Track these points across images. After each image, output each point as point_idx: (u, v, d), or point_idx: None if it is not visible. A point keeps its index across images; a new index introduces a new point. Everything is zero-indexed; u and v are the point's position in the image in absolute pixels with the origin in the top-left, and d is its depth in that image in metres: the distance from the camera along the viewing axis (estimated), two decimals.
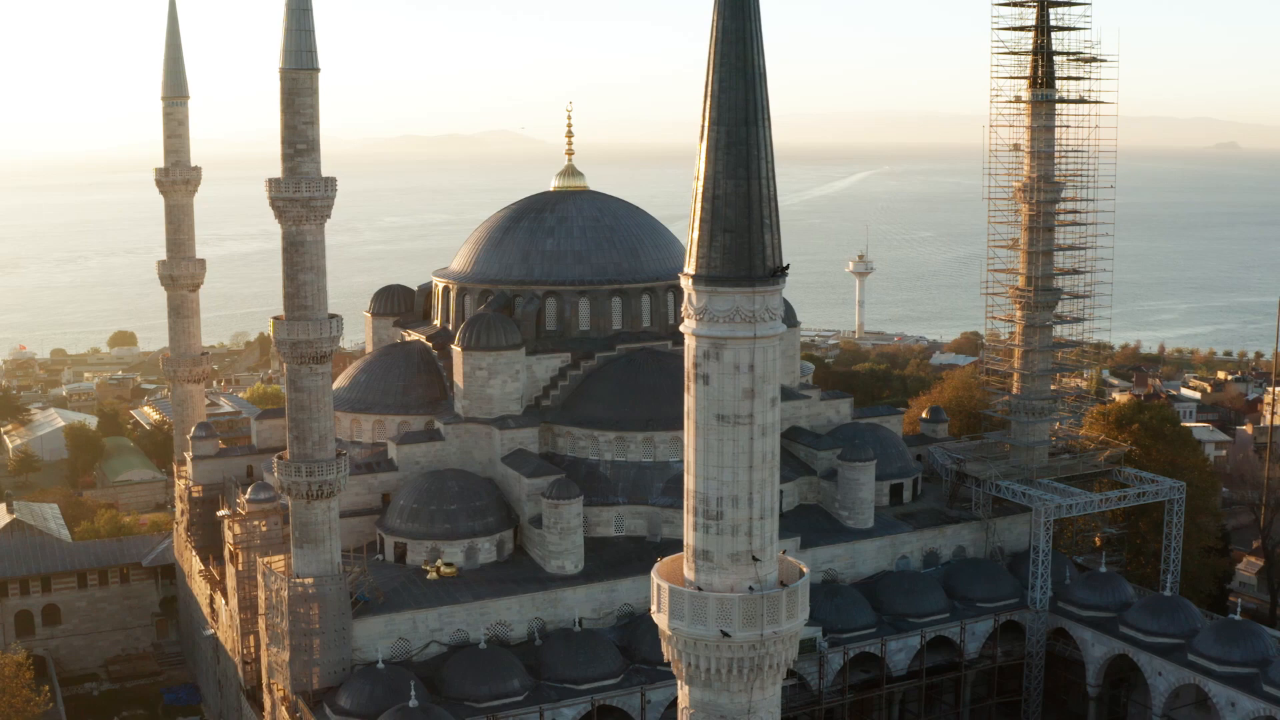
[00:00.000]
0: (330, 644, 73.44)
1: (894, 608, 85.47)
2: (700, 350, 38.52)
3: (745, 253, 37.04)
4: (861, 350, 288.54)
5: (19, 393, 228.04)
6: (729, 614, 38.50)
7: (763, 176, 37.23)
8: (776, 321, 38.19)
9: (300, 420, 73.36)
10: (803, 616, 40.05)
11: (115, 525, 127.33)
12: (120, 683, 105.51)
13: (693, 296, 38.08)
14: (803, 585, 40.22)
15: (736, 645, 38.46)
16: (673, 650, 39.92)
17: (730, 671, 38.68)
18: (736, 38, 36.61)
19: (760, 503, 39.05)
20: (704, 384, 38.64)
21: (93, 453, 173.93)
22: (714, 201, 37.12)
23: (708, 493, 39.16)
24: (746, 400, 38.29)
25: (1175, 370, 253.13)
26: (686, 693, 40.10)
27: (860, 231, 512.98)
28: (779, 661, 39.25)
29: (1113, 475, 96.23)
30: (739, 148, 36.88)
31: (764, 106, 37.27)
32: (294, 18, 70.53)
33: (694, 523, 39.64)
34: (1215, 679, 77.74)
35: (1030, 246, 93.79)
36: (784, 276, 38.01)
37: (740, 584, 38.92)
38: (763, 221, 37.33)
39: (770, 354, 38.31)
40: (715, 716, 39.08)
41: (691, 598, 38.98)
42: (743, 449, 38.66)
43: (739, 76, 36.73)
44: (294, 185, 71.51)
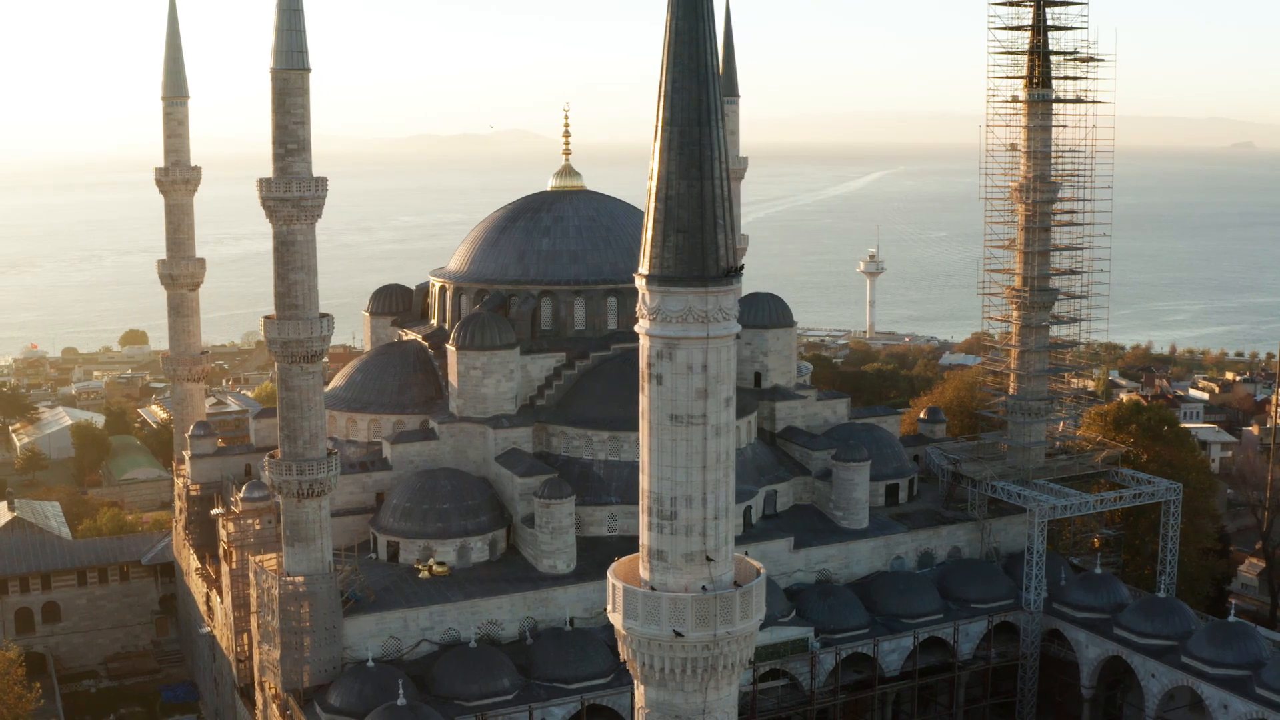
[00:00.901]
0: (321, 642, 73.66)
1: (887, 608, 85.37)
2: (654, 350, 38.59)
3: (698, 253, 37.06)
4: (871, 350, 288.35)
5: (28, 391, 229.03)
6: (682, 614, 38.50)
7: (716, 177, 37.26)
8: (730, 322, 38.20)
9: (291, 419, 73.60)
10: (758, 617, 40.02)
11: (117, 523, 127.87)
12: (119, 680, 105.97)
13: (646, 297, 38.15)
14: (758, 586, 40.19)
15: (690, 645, 38.46)
16: (628, 650, 39.96)
17: (684, 671, 38.68)
18: (689, 38, 36.66)
19: (714, 503, 39.03)
20: (657, 384, 38.73)
21: (99, 451, 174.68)
22: (667, 202, 37.18)
23: (661, 493, 39.21)
24: (700, 400, 38.31)
25: (1185, 371, 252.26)
26: (642, 692, 40.14)
27: (873, 231, 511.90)
28: (734, 662, 39.25)
29: (1110, 476, 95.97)
30: (691, 148, 36.91)
31: (717, 107, 37.30)
32: (285, 18, 70.79)
33: (649, 522, 39.68)
34: (1208, 681, 77.50)
35: (1026, 247, 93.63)
36: (738, 277, 38.01)
37: (694, 584, 38.94)
38: (716, 222, 37.34)
39: (724, 354, 38.33)
40: (670, 716, 39.11)
41: (645, 597, 39.01)
42: (696, 449, 38.66)
43: (691, 77, 36.78)
44: (284, 185, 71.78)
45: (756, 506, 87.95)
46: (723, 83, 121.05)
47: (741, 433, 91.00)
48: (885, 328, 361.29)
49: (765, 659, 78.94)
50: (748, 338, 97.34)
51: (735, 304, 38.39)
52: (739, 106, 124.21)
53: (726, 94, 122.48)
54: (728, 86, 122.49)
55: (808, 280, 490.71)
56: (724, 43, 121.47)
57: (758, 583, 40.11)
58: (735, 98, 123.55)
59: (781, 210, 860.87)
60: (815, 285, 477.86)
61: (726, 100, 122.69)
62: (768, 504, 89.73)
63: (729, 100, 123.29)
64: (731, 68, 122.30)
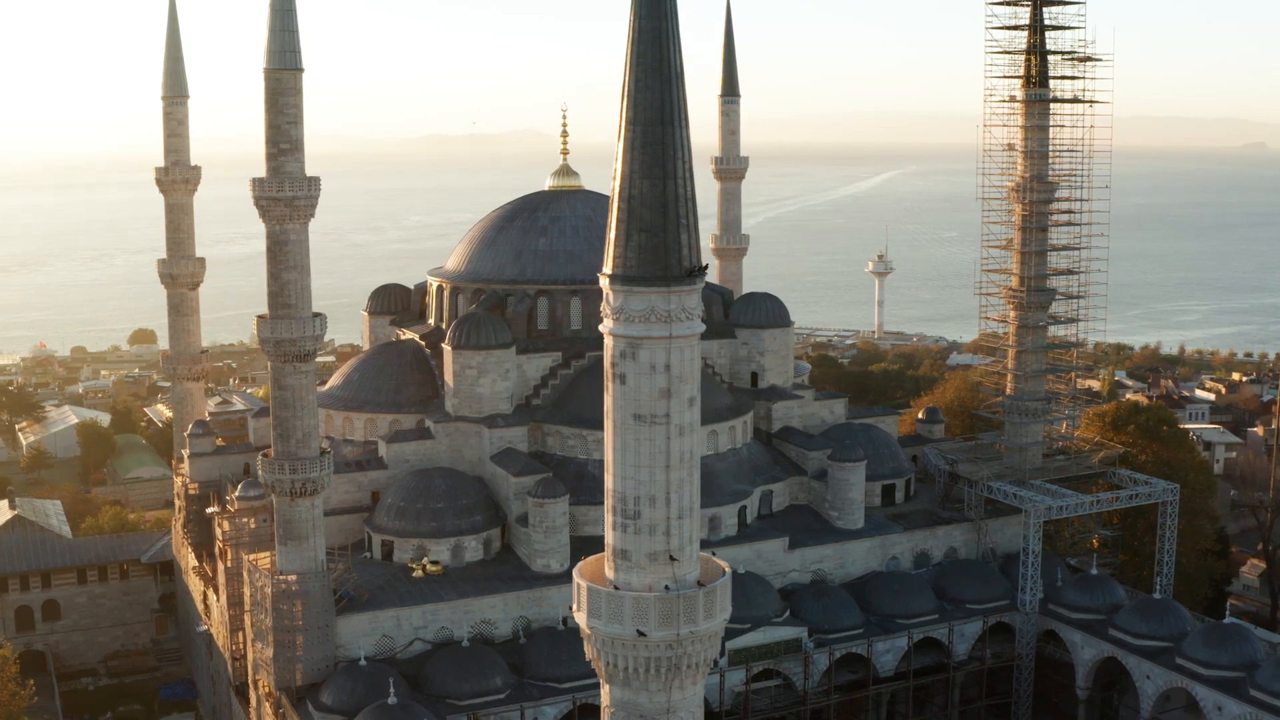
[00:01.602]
0: (314, 641, 73.81)
1: (882, 609, 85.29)
2: (617, 350, 38.61)
3: (661, 253, 37.06)
4: (879, 350, 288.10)
5: (35, 390, 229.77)
6: (645, 613, 38.52)
7: (679, 176, 37.23)
8: (694, 321, 38.19)
9: (284, 418, 73.70)
10: (722, 617, 40.00)
11: (119, 522, 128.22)
12: (119, 678, 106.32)
13: (609, 296, 38.17)
14: (722, 585, 40.17)
15: (653, 645, 38.47)
16: (592, 649, 40.00)
17: (648, 671, 38.70)
18: (652, 37, 36.65)
19: (678, 502, 39.05)
20: (621, 384, 38.76)
21: (104, 450, 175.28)
22: (630, 201, 37.19)
23: (625, 492, 39.25)
24: (663, 400, 38.33)
25: (1193, 372, 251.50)
26: (608, 691, 40.17)
27: (886, 231, 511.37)
28: (698, 661, 39.26)
29: (1108, 477, 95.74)
30: (654, 147, 36.90)
31: (680, 106, 37.27)
32: (278, 18, 70.89)
33: (613, 522, 39.72)
34: (1202, 682, 77.31)
35: (1023, 247, 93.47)
36: (701, 277, 37.98)
37: (658, 584, 38.95)
38: (679, 221, 37.33)
39: (688, 354, 38.34)
40: (635, 716, 39.14)
41: (608, 597, 39.05)
42: (659, 449, 38.67)
43: (655, 76, 36.77)
44: (277, 184, 71.87)
45: (752, 506, 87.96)
46: (724, 83, 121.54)
47: (737, 432, 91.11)
48: (894, 328, 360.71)
49: (758, 659, 79.00)
50: (744, 337, 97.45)
51: (699, 303, 38.39)
52: (740, 106, 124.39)
53: (728, 94, 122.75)
54: (729, 87, 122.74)
55: (818, 280, 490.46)
56: (724, 44, 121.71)
57: (722, 582, 40.09)
58: (736, 98, 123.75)
59: (792, 210, 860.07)
60: (825, 285, 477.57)
61: (728, 100, 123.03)
62: (763, 504, 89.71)
63: (730, 100, 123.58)
64: (732, 68, 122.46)
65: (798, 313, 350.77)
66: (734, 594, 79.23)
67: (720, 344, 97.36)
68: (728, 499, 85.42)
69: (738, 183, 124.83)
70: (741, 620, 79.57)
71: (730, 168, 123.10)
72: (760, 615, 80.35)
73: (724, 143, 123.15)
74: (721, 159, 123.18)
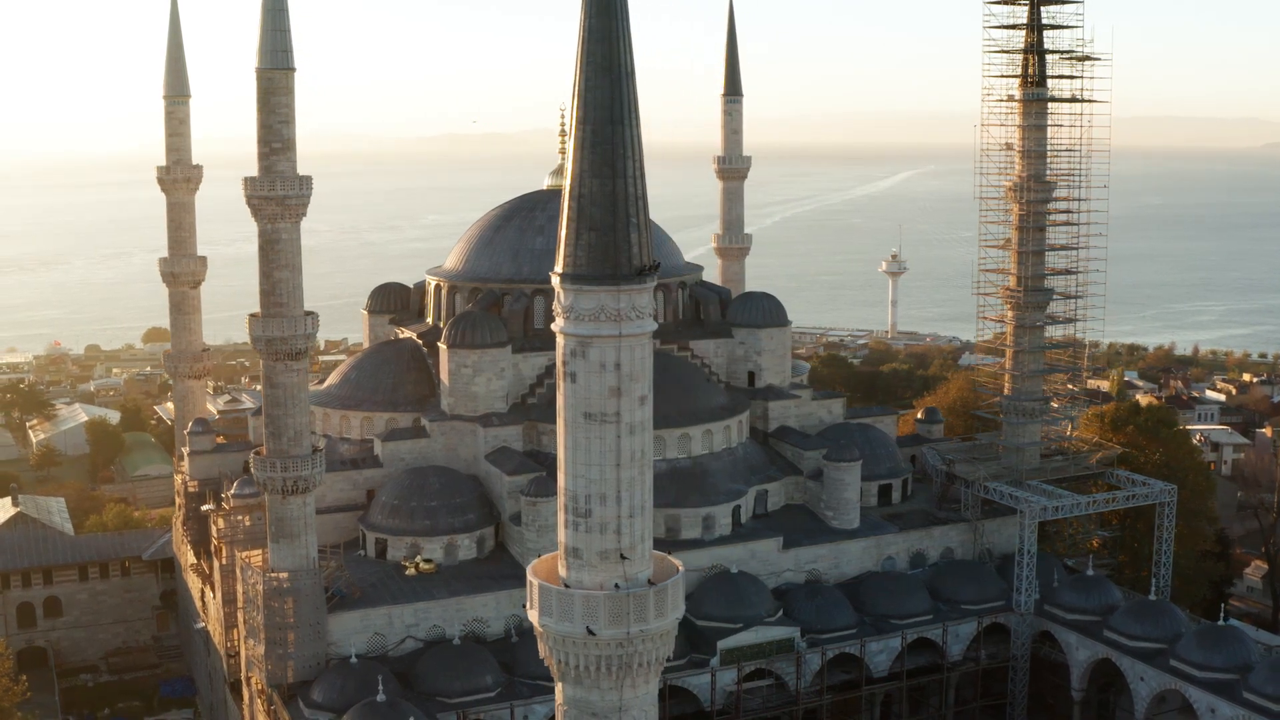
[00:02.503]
0: (305, 638, 74.12)
1: (876, 609, 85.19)
2: (568, 348, 38.65)
3: (611, 251, 37.07)
4: (891, 350, 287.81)
5: (47, 388, 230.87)
6: (595, 612, 38.52)
7: (629, 175, 37.23)
8: (645, 320, 38.18)
9: (276, 416, 74.01)
10: (674, 616, 39.95)
11: (124, 519, 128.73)
12: (119, 675, 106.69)
13: (560, 295, 38.20)
14: (673, 584, 40.12)
15: (603, 643, 38.47)
16: (545, 647, 40.05)
17: (599, 669, 38.70)
18: (602, 36, 36.65)
19: (629, 501, 39.03)
20: (571, 382, 38.79)
21: (113, 448, 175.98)
22: (580, 200, 37.23)
23: (576, 490, 39.28)
24: (613, 399, 38.34)
25: (1205, 373, 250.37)
26: (560, 690, 40.21)
27: (900, 231, 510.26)
28: (650, 660, 39.20)
29: (1106, 477, 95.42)
30: (604, 146, 36.91)
31: (631, 105, 37.26)
32: (269, 18, 71.10)
33: (565, 520, 39.76)
34: (1196, 684, 77.05)
35: (1021, 246, 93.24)
36: (652, 276, 37.97)
37: (609, 582, 38.95)
38: (629, 220, 37.33)
39: (638, 353, 38.33)
40: (588, 714, 39.14)
41: (559, 595, 39.10)
42: (610, 447, 38.68)
43: (604, 75, 36.76)
44: (269, 183, 72.13)
45: (746, 506, 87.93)
46: (727, 82, 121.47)
47: (732, 432, 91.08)
48: (909, 327, 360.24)
49: (750, 658, 79.00)
50: (741, 337, 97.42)
51: (650, 302, 38.39)
52: (742, 105, 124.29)
53: (730, 93, 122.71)
54: (732, 86, 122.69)
55: (834, 280, 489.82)
56: (727, 43, 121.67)
57: (673, 581, 40.05)
58: (739, 97, 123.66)
59: (809, 210, 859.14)
60: (841, 285, 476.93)
61: (730, 100, 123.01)
62: (758, 503, 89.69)
63: (733, 100, 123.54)
64: (735, 68, 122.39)
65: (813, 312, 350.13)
66: (726, 593, 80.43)
67: (717, 343, 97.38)
68: (722, 498, 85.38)
69: (740, 182, 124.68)
70: (734, 620, 79.73)
71: (733, 167, 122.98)
72: (753, 615, 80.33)
73: (726, 142, 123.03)
74: (724, 158, 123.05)
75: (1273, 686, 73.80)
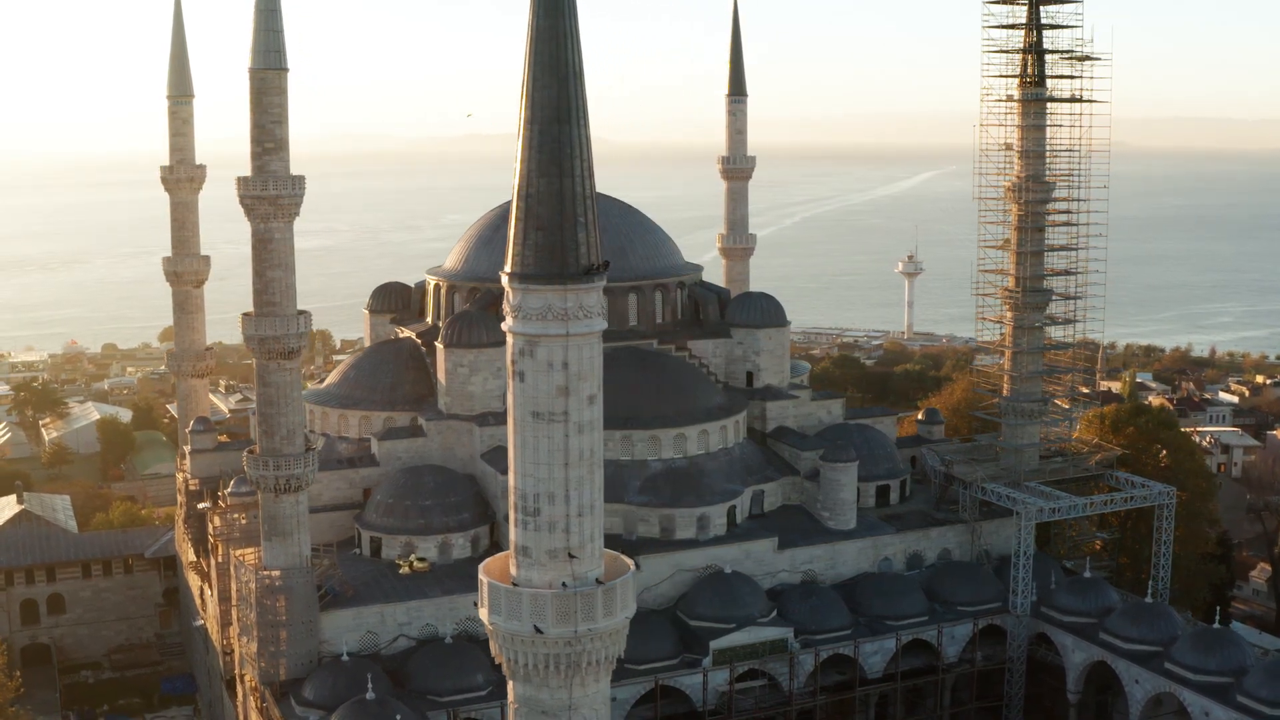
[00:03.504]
0: (297, 636, 74.38)
1: (871, 610, 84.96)
2: (516, 348, 38.73)
3: (558, 251, 37.12)
4: (906, 351, 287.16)
5: (62, 386, 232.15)
6: (542, 610, 38.55)
7: (577, 175, 37.26)
8: (593, 320, 38.19)
9: (269, 415, 74.32)
10: (624, 614, 39.93)
11: (130, 517, 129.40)
12: (121, 672, 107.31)
13: (509, 294, 38.29)
14: (621, 583, 40.11)
15: (551, 642, 38.51)
16: (495, 645, 40.12)
17: (547, 668, 38.74)
18: (550, 36, 36.67)
19: (578, 500, 39.06)
20: (520, 381, 38.85)
21: (124, 446, 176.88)
22: (527, 200, 37.28)
23: (525, 489, 39.35)
24: (561, 398, 38.37)
25: (1221, 374, 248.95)
26: (512, 688, 40.29)
27: (916, 232, 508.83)
28: (599, 659, 39.21)
29: (1105, 479, 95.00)
30: (551, 146, 36.95)
31: (579, 105, 37.26)
32: (262, 18, 71.46)
33: (515, 519, 39.82)
34: (1190, 688, 76.60)
35: (1020, 247, 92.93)
36: (600, 275, 37.97)
37: (557, 581, 38.99)
38: (576, 220, 37.37)
39: (586, 352, 38.36)
40: (538, 712, 39.20)
41: (507, 593, 39.15)
42: (558, 446, 38.73)
43: (551, 75, 36.78)
44: (261, 183, 72.41)
45: (742, 506, 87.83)
46: (731, 83, 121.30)
47: (728, 432, 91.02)
48: (926, 328, 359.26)
49: (743, 659, 78.92)
50: (740, 337, 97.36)
51: (598, 301, 38.40)
52: (747, 106, 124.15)
53: (735, 94, 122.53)
54: (736, 86, 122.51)
55: (853, 280, 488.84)
56: (731, 43, 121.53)
57: (622, 580, 40.04)
58: (743, 97, 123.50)
59: (831, 210, 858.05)
60: (861, 285, 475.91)
61: (735, 100, 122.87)
62: (754, 504, 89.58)
63: (737, 100, 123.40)
64: (739, 68, 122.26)
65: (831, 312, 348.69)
66: (720, 594, 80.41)
67: (715, 343, 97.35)
68: (717, 498, 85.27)
69: (744, 182, 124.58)
70: (726, 620, 79.67)
71: (737, 167, 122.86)
72: (746, 615, 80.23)
73: (731, 142, 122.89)
74: (728, 159, 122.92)
75: (1267, 690, 73.34)
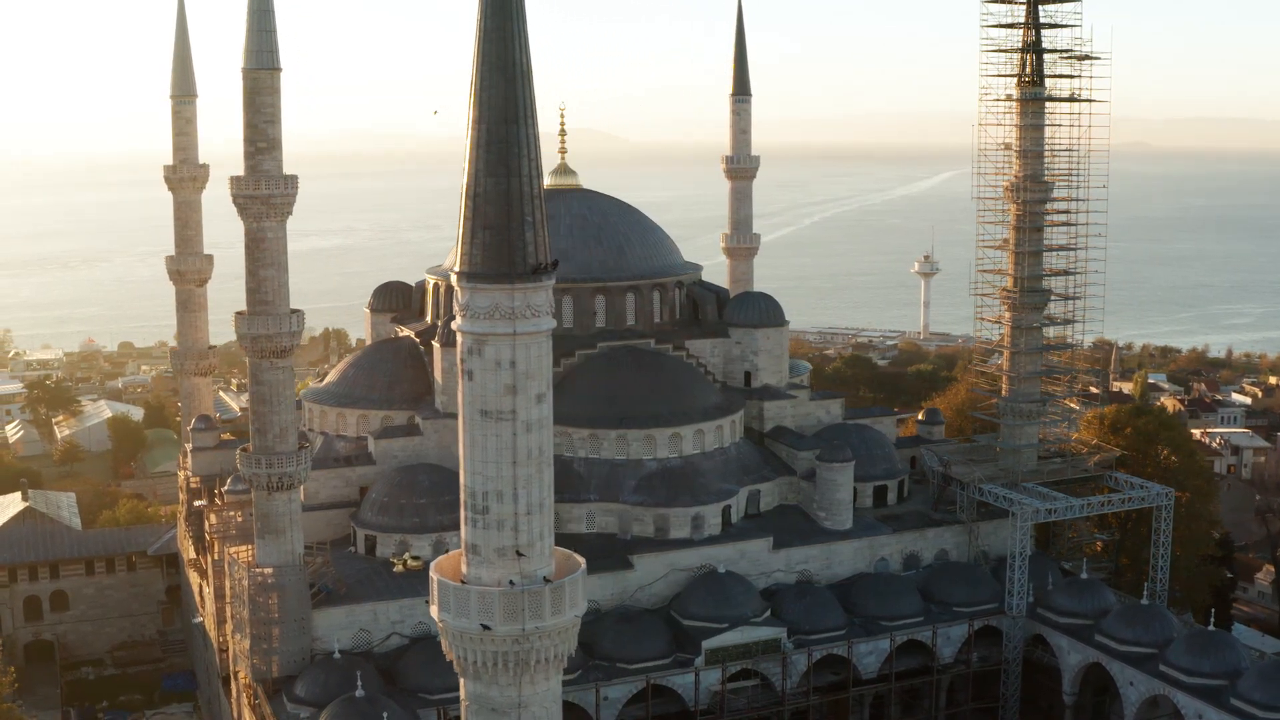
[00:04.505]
0: (290, 633, 74.64)
1: (866, 610, 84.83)
2: (465, 346, 38.90)
3: (505, 250, 37.26)
4: (921, 351, 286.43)
5: (77, 385, 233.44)
6: (490, 608, 38.68)
7: (524, 174, 37.37)
8: (541, 319, 38.31)
9: (262, 413, 74.65)
10: (573, 612, 40.00)
11: (136, 515, 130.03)
12: (124, 669, 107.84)
13: (458, 293, 38.45)
14: (570, 582, 40.20)
15: (498, 639, 38.64)
16: (445, 643, 40.29)
17: (496, 665, 38.89)
18: (497, 36, 36.79)
19: (526, 498, 39.17)
20: (469, 380, 39.02)
21: (135, 444, 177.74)
22: (475, 199, 37.45)
23: (474, 487, 39.51)
24: (508, 396, 38.51)
25: (1236, 375, 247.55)
26: (463, 685, 40.47)
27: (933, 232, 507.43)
28: (548, 657, 39.32)
29: (1104, 480, 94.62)
30: (499, 145, 37.07)
31: (527, 105, 37.37)
32: (255, 19, 71.64)
33: (465, 516, 39.96)
34: (1184, 690, 76.28)
35: (1018, 247, 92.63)
36: (549, 275, 38.07)
37: (505, 579, 39.12)
38: (524, 219, 37.47)
39: (534, 351, 38.48)
40: (488, 709, 39.38)
41: (456, 591, 39.30)
42: (506, 444, 38.85)
43: (499, 75, 36.90)
44: (254, 182, 72.70)
45: (738, 505, 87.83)
46: (735, 82, 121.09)
47: (725, 431, 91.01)
48: (942, 328, 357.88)
49: (735, 658, 78.94)
50: (738, 336, 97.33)
51: (547, 300, 38.53)
52: (751, 105, 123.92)
53: (739, 93, 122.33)
54: (740, 86, 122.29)
55: (870, 280, 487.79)
56: (735, 43, 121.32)
57: (571, 579, 40.12)
58: (747, 97, 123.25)
59: (850, 210, 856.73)
60: (877, 285, 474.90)
61: (739, 99, 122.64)
62: (750, 503, 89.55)
63: (741, 99, 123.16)
64: (743, 67, 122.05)
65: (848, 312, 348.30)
66: (713, 593, 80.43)
67: (713, 343, 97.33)
68: (712, 498, 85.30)
69: (748, 182, 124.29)
70: (719, 620, 79.70)
71: (740, 167, 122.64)
72: (738, 615, 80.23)
73: (735, 142, 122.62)
74: (732, 158, 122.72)
75: (1260, 693, 73.00)
